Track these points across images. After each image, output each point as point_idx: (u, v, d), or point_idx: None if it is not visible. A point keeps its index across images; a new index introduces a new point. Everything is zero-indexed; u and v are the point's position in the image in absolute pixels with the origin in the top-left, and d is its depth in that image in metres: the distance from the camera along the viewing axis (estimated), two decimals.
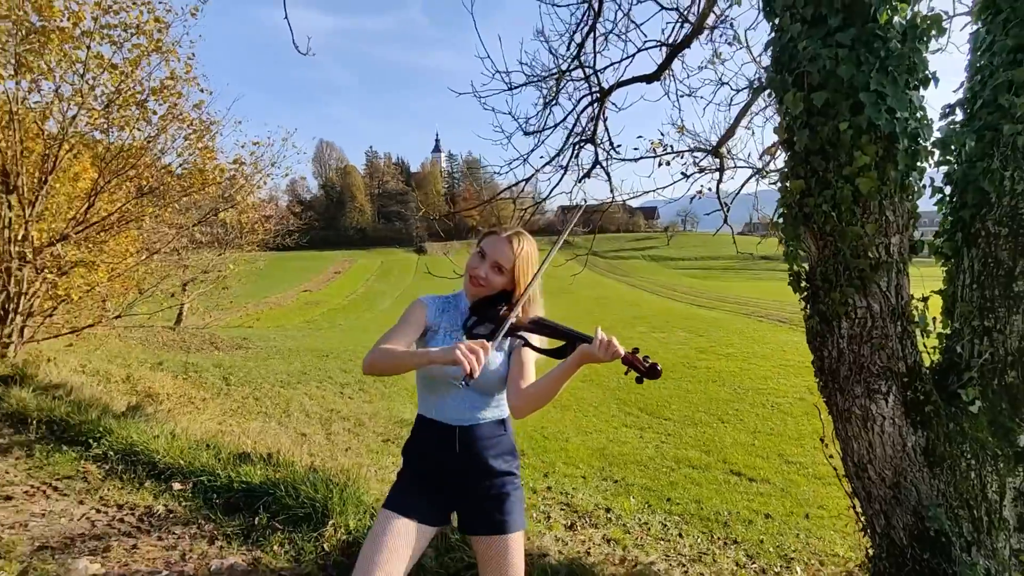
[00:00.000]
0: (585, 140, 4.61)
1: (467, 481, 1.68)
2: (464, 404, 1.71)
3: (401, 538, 1.57)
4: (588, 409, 13.18)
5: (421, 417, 1.77)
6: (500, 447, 1.74)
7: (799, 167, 2.63)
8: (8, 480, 3.39)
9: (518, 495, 1.74)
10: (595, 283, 46.32)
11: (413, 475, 1.72)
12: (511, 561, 1.66)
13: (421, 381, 1.75)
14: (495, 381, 1.71)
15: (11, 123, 6.40)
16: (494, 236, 1.79)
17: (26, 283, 6.82)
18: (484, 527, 1.67)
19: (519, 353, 1.71)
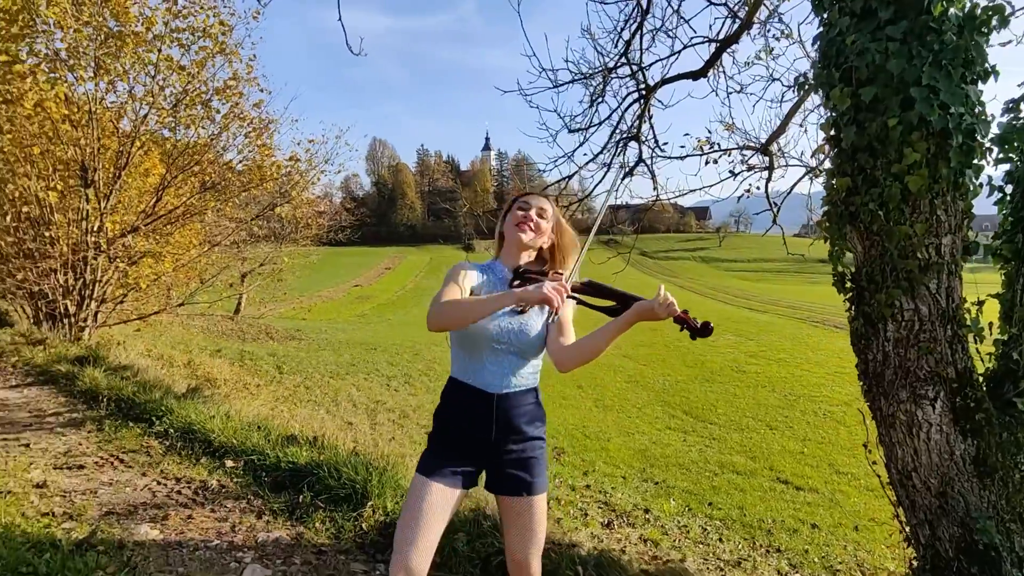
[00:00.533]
0: (629, 138, 4.60)
1: (498, 445, 1.72)
2: (503, 370, 1.73)
3: (436, 503, 1.63)
4: (631, 410, 13.07)
5: (456, 380, 1.78)
6: (532, 414, 1.78)
7: (845, 164, 2.57)
8: (81, 451, 3.67)
9: (544, 458, 1.79)
10: (642, 283, 45.66)
11: (445, 439, 1.76)
12: (535, 520, 1.72)
13: (460, 344, 1.77)
14: (535, 344, 1.75)
15: (90, 122, 6.85)
16: (530, 194, 1.88)
17: (100, 271, 7.30)
18: (511, 488, 1.72)
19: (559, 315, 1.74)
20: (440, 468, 1.69)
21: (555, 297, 1.52)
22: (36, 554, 2.29)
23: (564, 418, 11.94)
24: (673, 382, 15.72)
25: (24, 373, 5.52)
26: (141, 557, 2.47)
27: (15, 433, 3.92)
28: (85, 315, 7.26)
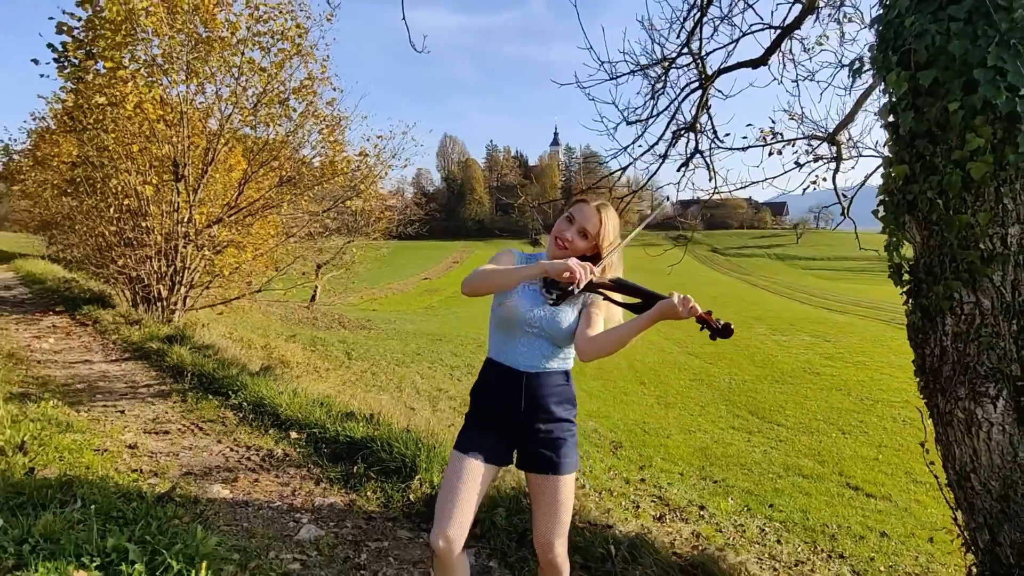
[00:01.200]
0: (686, 128, 4.54)
1: (529, 424, 1.80)
2: (534, 352, 1.80)
3: (472, 478, 1.74)
4: (694, 408, 12.80)
5: (491, 360, 1.88)
6: (562, 395, 1.83)
7: (903, 151, 2.48)
8: (167, 418, 4.06)
9: (573, 440, 1.85)
10: (712, 281, 44.30)
11: (480, 417, 1.86)
12: (561, 498, 1.79)
13: (496, 324, 1.87)
14: (566, 334, 1.80)
15: (182, 121, 7.44)
16: (583, 204, 1.90)
17: (189, 259, 7.93)
18: (539, 467, 1.80)
19: (588, 311, 1.81)
20: (475, 444, 1.80)
21: (577, 270, 1.60)
22: (125, 502, 2.58)
23: (624, 414, 11.86)
24: (740, 381, 15.25)
25: (122, 349, 6.12)
26: (212, 512, 2.74)
27: (113, 401, 4.38)
28: (175, 299, 7.92)
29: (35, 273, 12.02)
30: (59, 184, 8.81)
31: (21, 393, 4.16)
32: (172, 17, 7.32)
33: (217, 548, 2.32)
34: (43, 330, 6.94)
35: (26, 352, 5.72)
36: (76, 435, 3.45)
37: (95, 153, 7.63)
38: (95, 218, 8.00)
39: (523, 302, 1.82)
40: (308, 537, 2.59)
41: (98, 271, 8.87)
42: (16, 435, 3.21)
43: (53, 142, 9.92)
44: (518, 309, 1.81)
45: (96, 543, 2.17)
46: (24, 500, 2.50)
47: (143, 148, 7.32)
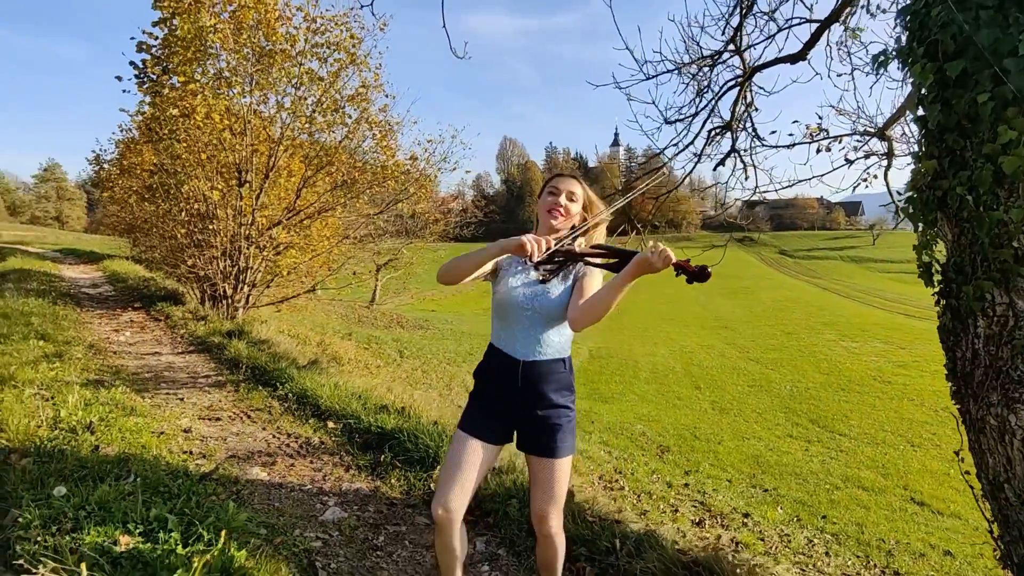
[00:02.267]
0: (722, 127, 4.47)
1: (527, 410, 1.88)
2: (531, 338, 1.87)
3: (473, 454, 1.85)
4: (750, 415, 12.41)
5: (491, 346, 1.96)
6: (559, 383, 1.89)
7: (932, 146, 2.41)
8: (220, 406, 4.36)
9: (570, 426, 1.91)
10: (779, 284, 42.59)
11: (481, 398, 1.95)
12: (556, 480, 1.87)
13: (495, 311, 1.96)
14: (559, 309, 1.86)
15: (245, 130, 7.92)
16: (558, 176, 1.99)
17: (251, 260, 8.42)
18: (537, 449, 1.88)
19: (581, 283, 1.86)
20: (476, 425, 1.90)
21: (529, 244, 1.65)
22: (172, 479, 2.82)
23: (675, 418, 11.64)
24: (802, 388, 14.64)
25: (188, 342, 6.59)
26: (249, 491, 2.95)
27: (175, 389, 4.74)
28: (239, 297, 8.43)
29: (119, 272, 13.07)
30: (139, 190, 9.56)
31: (96, 380, 4.57)
32: (238, 33, 7.81)
33: (247, 523, 2.51)
34: (121, 324, 7.56)
35: (105, 344, 6.25)
36: (138, 418, 3.77)
37: (169, 161, 8.24)
38: (169, 221, 8.64)
39: (515, 286, 1.89)
40: (332, 518, 2.75)
41: (172, 270, 9.57)
42: (87, 417, 3.56)
43: (137, 151, 10.74)
44: (511, 293, 1.88)
45: (140, 512, 2.39)
46: (87, 473, 2.78)
47: (211, 156, 7.84)
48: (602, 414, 11.31)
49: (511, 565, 2.48)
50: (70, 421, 3.43)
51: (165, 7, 7.40)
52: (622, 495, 5.96)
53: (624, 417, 11.25)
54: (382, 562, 2.46)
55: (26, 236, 31.93)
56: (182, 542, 2.26)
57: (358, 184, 8.46)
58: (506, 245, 1.72)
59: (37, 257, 16.56)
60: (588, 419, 10.44)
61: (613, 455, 8.06)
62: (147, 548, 2.18)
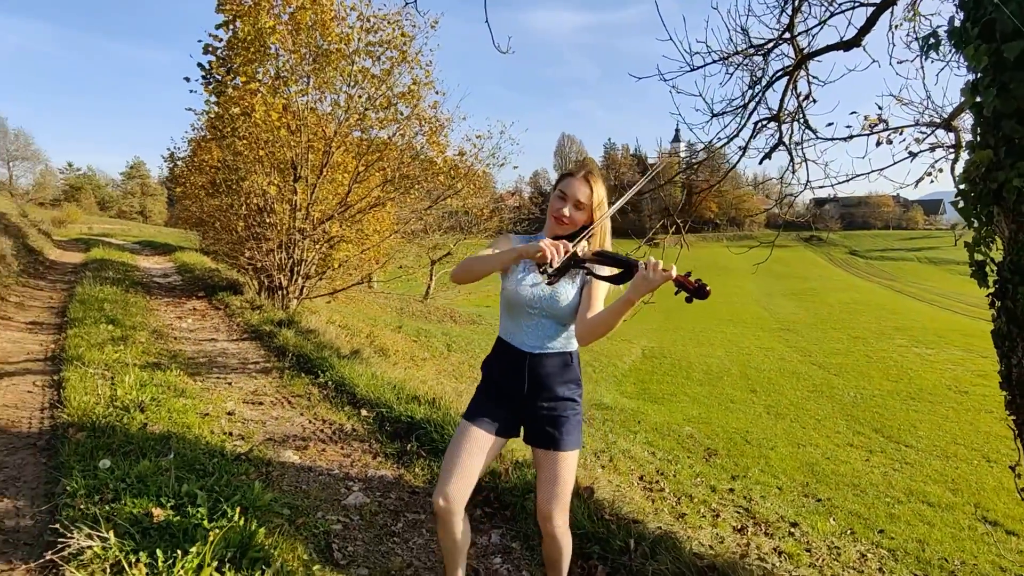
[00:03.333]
0: (767, 119, 4.28)
1: (532, 402, 1.87)
2: (537, 333, 1.87)
3: (476, 444, 1.85)
4: (808, 421, 11.87)
5: (500, 339, 1.97)
6: (565, 376, 1.88)
7: (988, 134, 2.24)
8: (264, 392, 4.56)
9: (576, 419, 1.90)
10: (848, 285, 40.53)
11: (488, 390, 1.96)
12: (561, 473, 1.84)
13: (504, 306, 1.96)
14: (567, 312, 1.85)
15: (300, 127, 8.21)
16: (571, 177, 1.93)
17: (305, 252, 8.74)
18: (542, 442, 1.87)
19: (589, 288, 1.84)
20: (481, 415, 1.90)
21: (548, 250, 1.62)
22: (208, 458, 2.97)
23: (726, 421, 11.28)
24: (867, 396, 13.89)
25: (243, 330, 6.91)
26: (279, 473, 3.06)
27: (225, 374, 4.98)
28: (294, 288, 8.77)
29: (188, 263, 13.86)
30: (205, 186, 10.09)
31: (154, 363, 4.86)
32: (296, 34, 8.10)
33: (271, 503, 2.60)
34: (185, 312, 8.02)
35: (168, 329, 6.64)
36: (187, 400, 3.98)
37: (231, 157, 8.65)
38: (230, 215, 9.08)
39: (523, 285, 1.88)
40: (354, 503, 2.82)
41: (233, 262, 10.06)
42: (140, 396, 3.79)
43: (206, 149, 11.33)
44: (519, 292, 1.88)
45: (173, 487, 2.52)
46: (132, 448, 2.96)
47: (268, 152, 8.17)
48: (650, 414, 11.09)
49: (523, 559, 2.47)
50: (124, 400, 3.66)
51: (227, 10, 7.76)
52: (661, 496, 5.83)
53: (673, 418, 11.00)
54: (397, 548, 2.50)
55: (113, 229, 34.32)
56: (208, 517, 2.37)
57: (408, 179, 8.62)
58: (524, 253, 1.72)
59: (118, 248, 17.78)
60: (635, 419, 10.26)
61: (657, 456, 7.90)
62: (176, 521, 2.30)
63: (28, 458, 3.08)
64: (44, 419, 3.65)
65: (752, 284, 39.29)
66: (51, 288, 9.35)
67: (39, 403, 3.96)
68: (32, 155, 58.71)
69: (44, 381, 4.42)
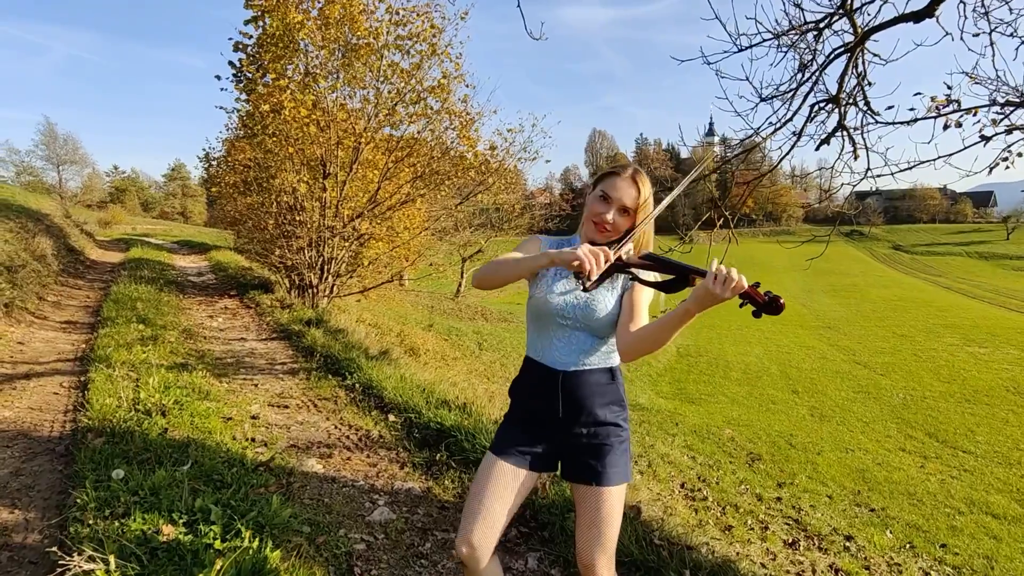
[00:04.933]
0: (826, 101, 3.93)
1: (569, 429, 1.61)
2: (571, 348, 1.62)
3: (504, 483, 1.58)
4: (856, 424, 11.32)
5: (528, 358, 1.72)
6: (606, 396, 1.62)
7: None
8: (290, 394, 4.41)
9: (622, 447, 1.63)
10: (892, 281, 39.02)
11: (518, 418, 1.70)
12: (604, 513, 1.57)
13: (530, 319, 1.71)
14: (605, 323, 1.60)
15: (329, 124, 8.09)
16: (615, 177, 1.65)
17: (335, 250, 8.64)
18: (582, 476, 1.60)
19: (631, 295, 1.60)
20: (510, 447, 1.64)
21: (587, 260, 1.36)
22: (227, 467, 2.80)
23: (769, 424, 10.81)
24: (918, 398, 13.21)
25: (272, 330, 6.82)
26: (301, 484, 2.88)
27: (252, 375, 4.86)
28: (324, 287, 8.68)
29: (222, 262, 13.99)
30: (237, 184, 10.10)
31: (182, 363, 4.77)
32: (325, 29, 7.98)
33: (290, 519, 2.41)
34: (216, 311, 7.99)
35: (198, 329, 6.59)
36: (211, 403, 3.85)
37: (262, 156, 8.60)
38: (261, 213, 9.05)
39: (554, 292, 1.63)
40: (380, 519, 2.61)
41: (264, 260, 10.05)
42: (163, 399, 3.67)
43: (240, 148, 11.36)
44: (549, 300, 1.63)
45: (187, 501, 2.35)
46: (149, 456, 2.82)
47: (298, 150, 8.08)
48: (688, 416, 10.71)
49: None
50: (147, 403, 3.54)
51: (255, 6, 7.68)
52: (704, 506, 5.51)
53: (712, 420, 10.60)
54: (425, 572, 2.28)
55: (155, 229, 35.23)
56: (221, 536, 2.19)
57: (438, 175, 8.44)
58: (557, 260, 1.45)
59: (156, 248, 18.13)
60: (672, 421, 9.91)
61: (698, 461, 7.56)
62: (186, 540, 2.13)
63: (45, 465, 2.98)
64: (66, 423, 3.56)
65: (790, 280, 38.17)
66: (89, 287, 9.47)
67: (64, 405, 3.89)
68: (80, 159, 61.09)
69: (71, 382, 4.36)
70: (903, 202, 72.51)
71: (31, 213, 12.31)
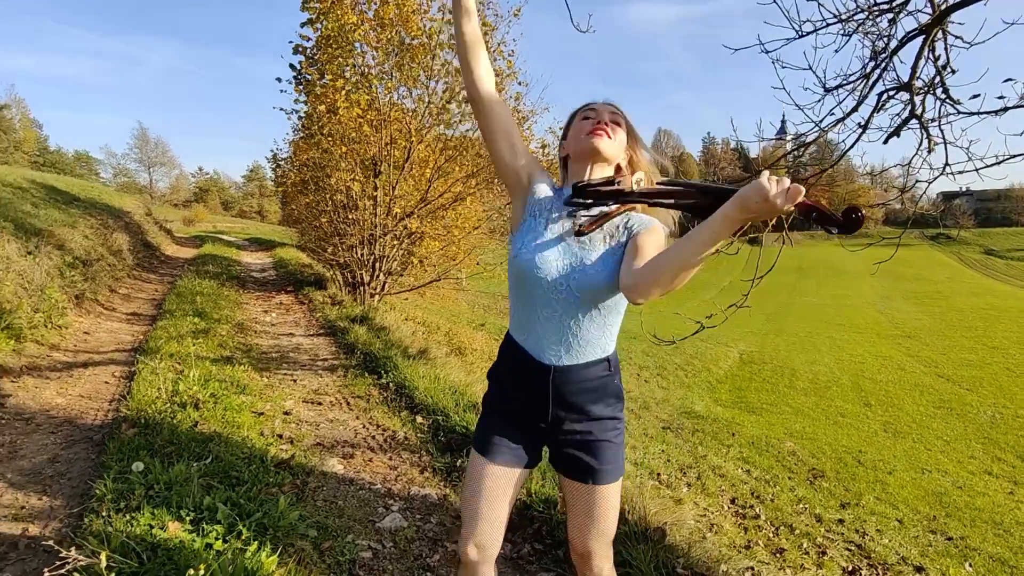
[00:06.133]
0: (896, 88, 3.55)
1: (558, 423, 1.43)
2: (563, 329, 1.37)
3: (496, 487, 1.44)
4: (934, 442, 10.44)
5: (510, 338, 1.49)
6: (603, 390, 1.43)
7: None
8: (325, 391, 4.42)
9: (618, 441, 1.45)
10: (984, 289, 36.02)
11: (499, 406, 1.51)
12: (600, 513, 1.42)
13: (511, 285, 1.45)
14: (604, 289, 1.33)
15: (382, 123, 8.18)
16: (594, 102, 1.51)
17: (387, 248, 8.73)
18: (575, 473, 1.44)
19: (635, 241, 1.32)
20: (497, 445, 1.46)
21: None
22: (247, 464, 2.80)
23: (835, 438, 10.13)
24: (1010, 416, 12.07)
25: (319, 326, 6.94)
26: (317, 485, 2.84)
27: (293, 370, 4.93)
28: (375, 284, 8.79)
29: (285, 259, 14.50)
30: (297, 183, 10.39)
31: (227, 356, 4.89)
32: (380, 29, 8.07)
33: (296, 522, 2.36)
34: (271, 306, 8.24)
35: (251, 323, 6.79)
36: (246, 397, 3.91)
37: (318, 155, 8.80)
38: (316, 212, 9.27)
39: (542, 248, 1.37)
40: (390, 526, 2.53)
41: (319, 257, 10.31)
42: (200, 392, 3.74)
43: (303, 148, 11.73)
44: (535, 259, 1.36)
45: (196, 498, 2.34)
46: (172, 450, 2.85)
47: (351, 149, 8.21)
48: (746, 426, 10.18)
49: None
50: (184, 396, 3.62)
51: (311, 8, 7.85)
52: (755, 525, 5.16)
53: (772, 432, 10.03)
54: None
55: (232, 227, 37.20)
56: (223, 537, 2.16)
57: (488, 173, 8.37)
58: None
59: (227, 244, 19.05)
60: (729, 431, 9.44)
61: (753, 475, 7.14)
62: (188, 539, 2.10)
63: (81, 453, 3.07)
64: (109, 412, 3.69)
65: (867, 286, 35.96)
66: (159, 281, 10.00)
67: (111, 394, 4.04)
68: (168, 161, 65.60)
69: (122, 372, 4.54)
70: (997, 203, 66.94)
71: (113, 211, 13.16)
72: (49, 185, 12.77)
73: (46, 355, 4.81)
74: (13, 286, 5.36)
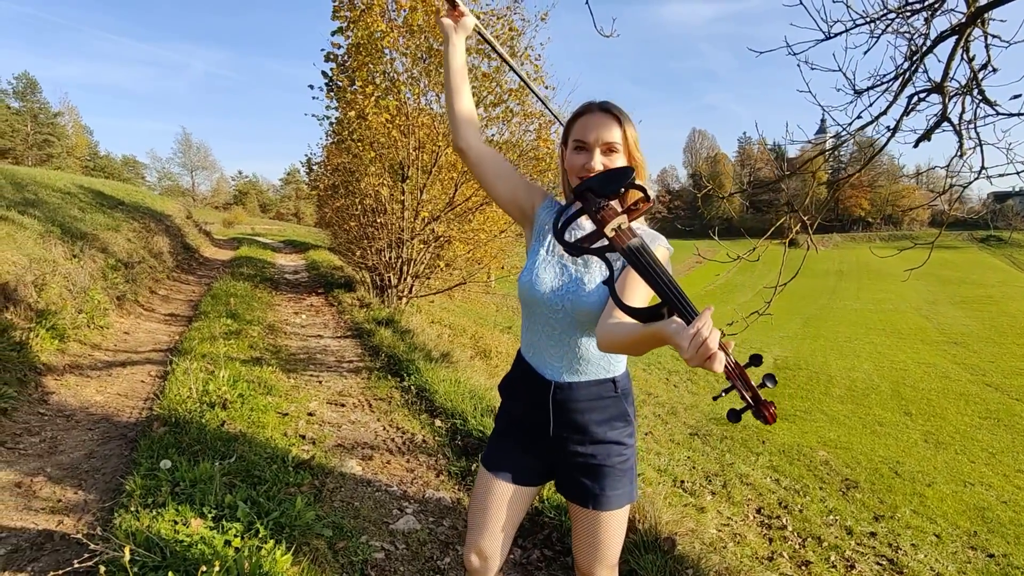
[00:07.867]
0: (927, 91, 3.45)
1: (561, 443, 1.45)
2: (563, 349, 1.39)
3: (502, 501, 1.47)
4: (979, 454, 10.05)
5: (520, 357, 1.52)
6: (607, 411, 1.42)
7: None
8: (349, 392, 4.52)
9: (624, 468, 1.43)
10: None
11: (507, 420, 1.55)
12: (603, 540, 1.43)
13: (521, 304, 1.48)
14: (594, 308, 1.33)
15: (409, 128, 8.30)
16: (587, 116, 1.38)
17: (415, 252, 8.85)
18: (577, 497, 1.44)
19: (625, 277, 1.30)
20: (503, 461, 1.50)
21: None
22: (268, 464, 2.89)
23: (872, 448, 9.83)
24: None
25: (347, 328, 7.08)
26: (335, 485, 2.91)
27: (319, 372, 5.04)
28: (403, 287, 8.92)
29: (317, 261, 14.82)
30: (329, 188, 10.63)
31: (256, 358, 5.04)
32: (409, 36, 8.19)
33: (312, 522, 2.43)
34: (302, 308, 8.44)
35: (282, 325, 6.97)
36: (272, 398, 4.02)
37: (349, 160, 8.98)
38: (346, 215, 9.46)
39: (542, 269, 1.40)
40: (404, 528, 2.58)
41: (349, 260, 10.51)
42: (229, 392, 3.87)
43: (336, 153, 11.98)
44: (535, 283, 1.38)
45: (217, 496, 2.43)
46: (199, 448, 2.96)
47: (380, 154, 8.36)
48: (777, 433, 9.96)
49: None
50: (213, 396, 3.75)
51: (341, 17, 8.02)
52: (781, 536, 5.06)
53: (805, 440, 9.79)
54: None
55: (270, 229, 38.14)
56: (242, 534, 2.24)
57: None
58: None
59: (263, 246, 19.56)
60: (758, 438, 9.26)
61: (782, 485, 6.98)
62: (208, 535, 2.19)
63: (115, 449, 3.22)
64: (143, 410, 3.84)
65: (912, 290, 34.73)
66: (197, 283, 10.34)
67: (146, 393, 4.21)
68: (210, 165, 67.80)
69: (157, 372, 4.73)
70: None
71: (155, 214, 13.66)
72: (96, 190, 13.33)
73: (88, 354, 5.03)
74: (59, 288, 5.62)
